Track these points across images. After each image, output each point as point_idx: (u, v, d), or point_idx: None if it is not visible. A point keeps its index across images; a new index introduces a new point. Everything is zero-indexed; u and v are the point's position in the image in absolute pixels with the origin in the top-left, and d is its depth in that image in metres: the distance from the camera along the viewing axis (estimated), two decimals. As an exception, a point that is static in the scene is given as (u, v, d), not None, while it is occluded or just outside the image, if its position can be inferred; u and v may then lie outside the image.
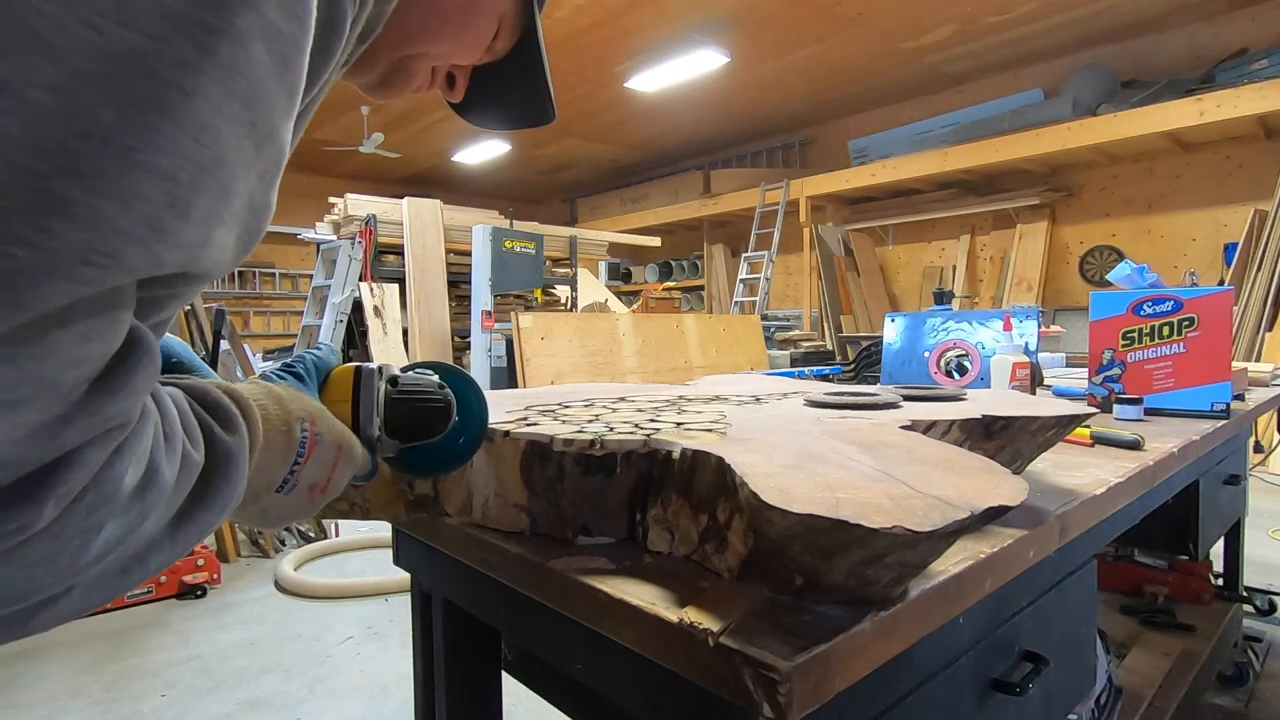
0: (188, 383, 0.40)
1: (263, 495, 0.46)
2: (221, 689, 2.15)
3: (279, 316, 9.95)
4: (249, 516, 0.48)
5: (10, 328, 0.24)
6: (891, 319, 1.85)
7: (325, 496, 0.51)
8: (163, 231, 0.28)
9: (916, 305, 7.97)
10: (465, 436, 0.63)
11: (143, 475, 0.31)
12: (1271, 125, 5.54)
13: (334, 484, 0.51)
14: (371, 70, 0.56)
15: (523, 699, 1.85)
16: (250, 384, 0.48)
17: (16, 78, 0.24)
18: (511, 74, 0.66)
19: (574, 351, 3.99)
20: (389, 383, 0.58)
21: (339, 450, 0.51)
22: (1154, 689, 1.60)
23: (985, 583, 0.60)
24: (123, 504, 0.31)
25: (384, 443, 0.57)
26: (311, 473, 0.48)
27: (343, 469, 0.52)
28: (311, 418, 0.49)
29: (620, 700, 0.60)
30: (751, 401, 0.92)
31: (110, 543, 0.31)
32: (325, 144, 8.86)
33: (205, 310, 3.54)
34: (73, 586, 0.31)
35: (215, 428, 0.38)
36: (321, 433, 0.49)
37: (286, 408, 0.47)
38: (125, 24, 0.26)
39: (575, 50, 6.37)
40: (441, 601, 0.88)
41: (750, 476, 0.50)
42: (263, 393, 0.46)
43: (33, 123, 0.24)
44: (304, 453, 0.47)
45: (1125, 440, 1.06)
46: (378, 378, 0.57)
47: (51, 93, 0.24)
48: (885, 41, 6.43)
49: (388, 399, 0.57)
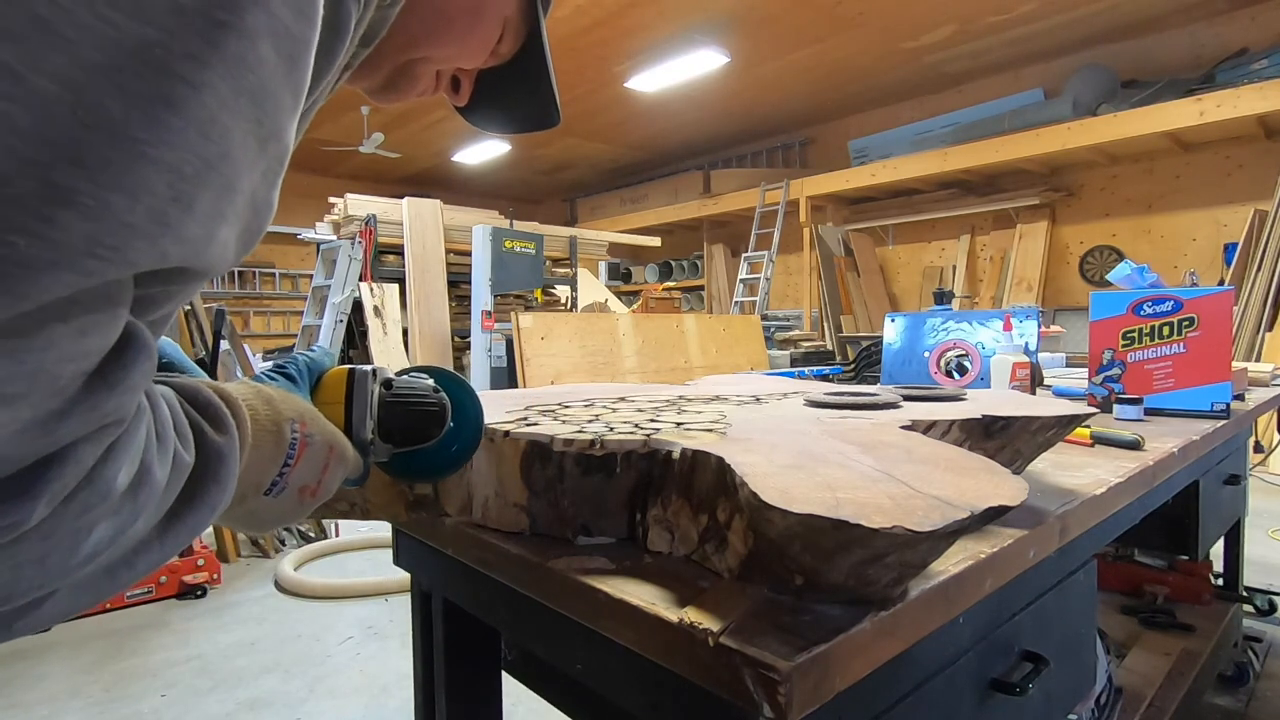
0: (179, 381, 0.39)
1: (251, 497, 0.45)
2: (221, 689, 2.15)
3: (279, 316, 9.95)
4: (237, 519, 0.47)
5: (9, 317, 0.24)
6: (891, 319, 1.85)
7: (316, 500, 0.50)
8: (167, 225, 0.28)
9: (916, 305, 7.97)
10: (460, 442, 0.62)
11: (135, 475, 0.31)
12: (1271, 125, 5.54)
13: (325, 487, 0.50)
14: (376, 74, 0.56)
15: (523, 699, 1.85)
16: (240, 384, 0.46)
17: (24, 66, 0.24)
18: (516, 77, 0.66)
19: (574, 351, 3.99)
20: (383, 385, 0.57)
21: (330, 452, 0.50)
22: (1154, 689, 1.60)
23: (985, 583, 0.60)
24: (115, 504, 0.30)
25: (377, 446, 0.56)
26: (301, 475, 0.48)
27: (334, 471, 0.51)
28: (302, 419, 0.48)
29: (620, 700, 0.60)
30: (751, 401, 0.92)
31: (100, 544, 0.31)
32: (325, 144, 8.86)
33: (205, 310, 3.54)
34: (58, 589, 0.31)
35: (206, 428, 0.37)
36: (312, 434, 0.48)
37: (276, 408, 0.46)
38: (137, 16, 0.26)
39: (575, 50, 6.37)
40: (441, 601, 0.88)
41: (750, 476, 0.50)
42: (252, 393, 0.46)
43: (39, 112, 0.24)
44: (294, 454, 0.46)
45: (1125, 440, 1.06)
46: (372, 380, 0.56)
47: (59, 83, 0.24)
48: (885, 41, 6.43)
49: (382, 402, 0.57)
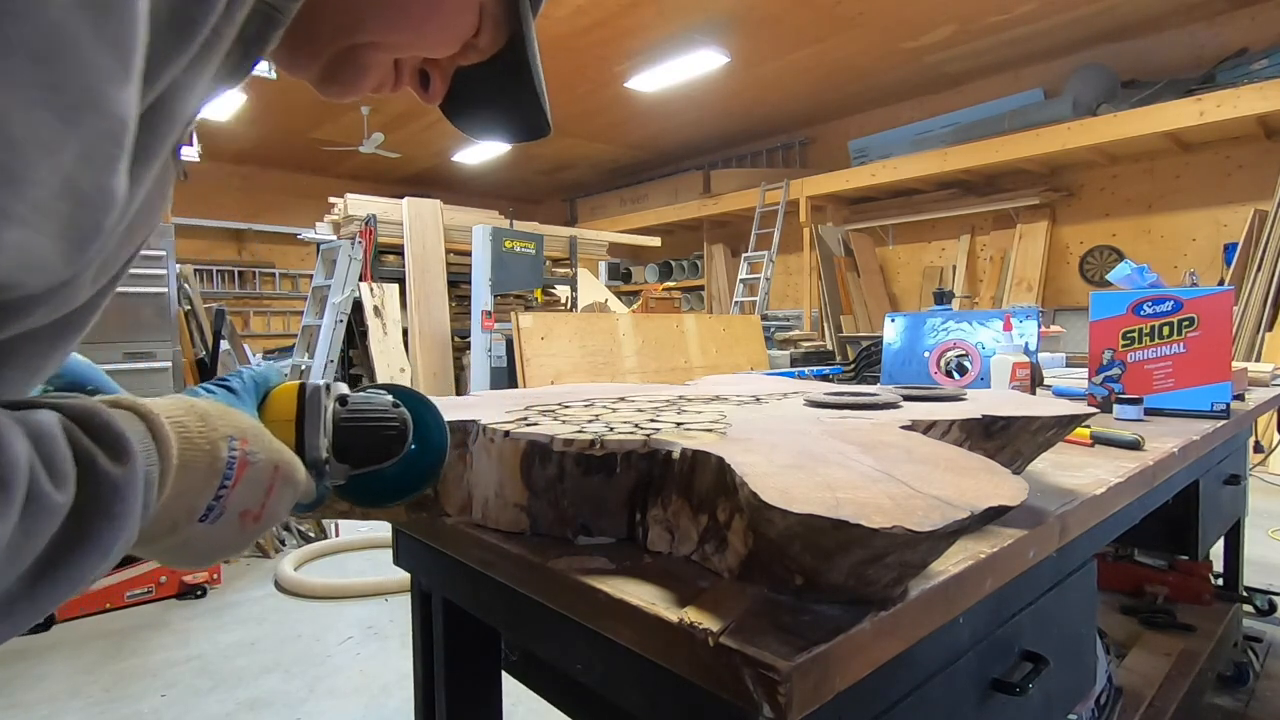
0: (71, 403, 0.34)
1: (183, 525, 0.41)
2: (221, 689, 2.15)
3: (279, 316, 9.95)
4: (168, 551, 0.42)
5: None
6: (891, 319, 1.85)
7: (260, 526, 0.45)
8: None
9: (916, 305, 7.97)
10: (423, 462, 0.58)
11: None
12: (1271, 125, 5.54)
13: (270, 511, 0.45)
14: (313, 61, 0.49)
15: (523, 699, 1.85)
16: (169, 399, 0.42)
17: None
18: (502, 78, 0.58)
19: (574, 351, 3.99)
20: (339, 402, 0.53)
21: (276, 472, 0.45)
22: (1154, 689, 1.60)
23: (985, 583, 0.60)
24: None
25: (333, 467, 0.52)
26: (242, 498, 0.43)
27: (280, 494, 0.46)
28: (243, 435, 0.43)
29: (620, 700, 0.60)
30: (751, 401, 0.92)
31: None
32: (325, 144, 8.86)
33: (205, 310, 3.54)
34: None
35: (99, 457, 0.32)
36: (254, 452, 0.43)
37: (212, 424, 0.42)
38: None
39: (575, 50, 6.37)
40: (441, 601, 0.88)
41: (750, 476, 0.50)
42: (182, 409, 0.41)
43: None
44: (232, 475, 0.42)
45: (1125, 440, 1.06)
46: (325, 395, 0.52)
47: None
48: (885, 41, 6.43)
49: (337, 419, 0.52)
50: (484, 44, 0.54)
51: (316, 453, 0.50)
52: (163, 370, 3.00)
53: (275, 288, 10.05)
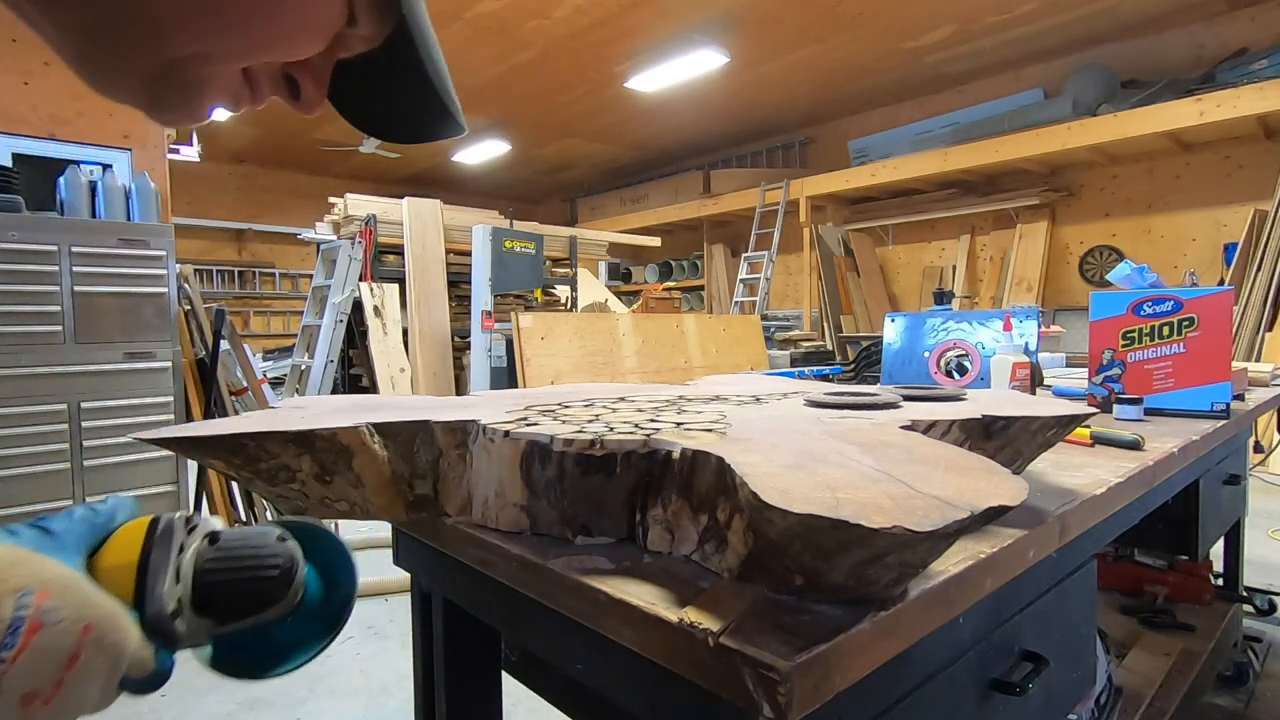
0: None
1: None
2: (221, 689, 2.15)
3: (279, 316, 9.96)
4: None
5: None
6: (891, 319, 1.85)
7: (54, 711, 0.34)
8: None
9: (916, 305, 7.97)
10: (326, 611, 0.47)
11: None
12: (1271, 125, 5.54)
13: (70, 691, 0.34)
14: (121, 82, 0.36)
15: (523, 699, 1.85)
16: None
17: None
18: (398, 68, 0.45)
19: (574, 351, 3.99)
20: (207, 540, 0.43)
21: (84, 635, 0.35)
22: (1154, 689, 1.60)
23: (985, 583, 0.60)
24: None
25: (189, 623, 0.41)
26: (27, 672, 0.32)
27: (89, 664, 0.35)
28: (44, 588, 0.34)
29: (620, 700, 0.60)
30: (751, 401, 0.92)
31: None
32: (325, 144, 8.86)
33: (205, 310, 3.53)
34: None
35: None
36: (54, 609, 0.34)
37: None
38: None
39: (575, 50, 6.37)
40: (441, 601, 0.88)
41: (750, 476, 0.50)
42: None
43: None
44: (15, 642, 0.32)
45: (1125, 440, 1.06)
46: (183, 531, 0.42)
47: None
48: (885, 41, 6.43)
49: (200, 561, 0.42)
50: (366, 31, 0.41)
51: (160, 604, 0.39)
52: (163, 370, 3.00)
53: (275, 288, 10.06)
